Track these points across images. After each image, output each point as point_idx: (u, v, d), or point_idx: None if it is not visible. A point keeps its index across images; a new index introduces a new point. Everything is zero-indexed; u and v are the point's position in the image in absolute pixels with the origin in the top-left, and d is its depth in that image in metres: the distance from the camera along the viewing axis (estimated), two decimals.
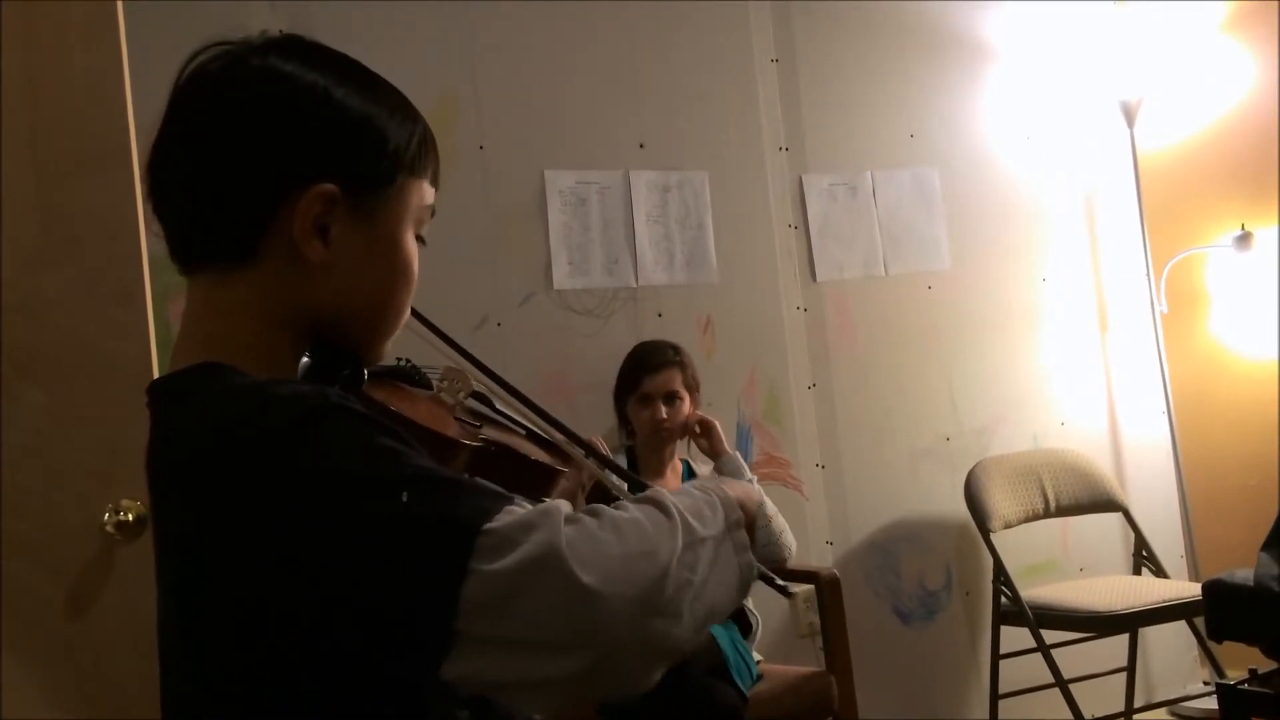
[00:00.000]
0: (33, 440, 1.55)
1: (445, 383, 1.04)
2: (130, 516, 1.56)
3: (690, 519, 0.83)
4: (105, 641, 1.56)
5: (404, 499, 0.75)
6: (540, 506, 0.78)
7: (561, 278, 3.09)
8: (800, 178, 3.44)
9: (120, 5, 1.66)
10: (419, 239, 0.97)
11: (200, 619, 0.83)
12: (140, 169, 1.65)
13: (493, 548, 0.74)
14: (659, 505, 0.83)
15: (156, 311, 1.65)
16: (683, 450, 2.95)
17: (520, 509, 0.77)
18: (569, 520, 0.77)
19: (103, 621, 1.56)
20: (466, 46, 3.04)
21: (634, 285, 3.17)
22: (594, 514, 0.79)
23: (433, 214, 0.98)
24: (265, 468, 0.78)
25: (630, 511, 0.81)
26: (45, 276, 1.57)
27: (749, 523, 0.90)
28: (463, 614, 0.73)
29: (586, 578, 0.73)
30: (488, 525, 0.74)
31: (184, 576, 0.84)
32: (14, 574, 1.52)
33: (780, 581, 1.01)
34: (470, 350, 1.05)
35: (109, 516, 1.56)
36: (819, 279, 3.43)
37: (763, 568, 0.92)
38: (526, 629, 0.73)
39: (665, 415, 2.77)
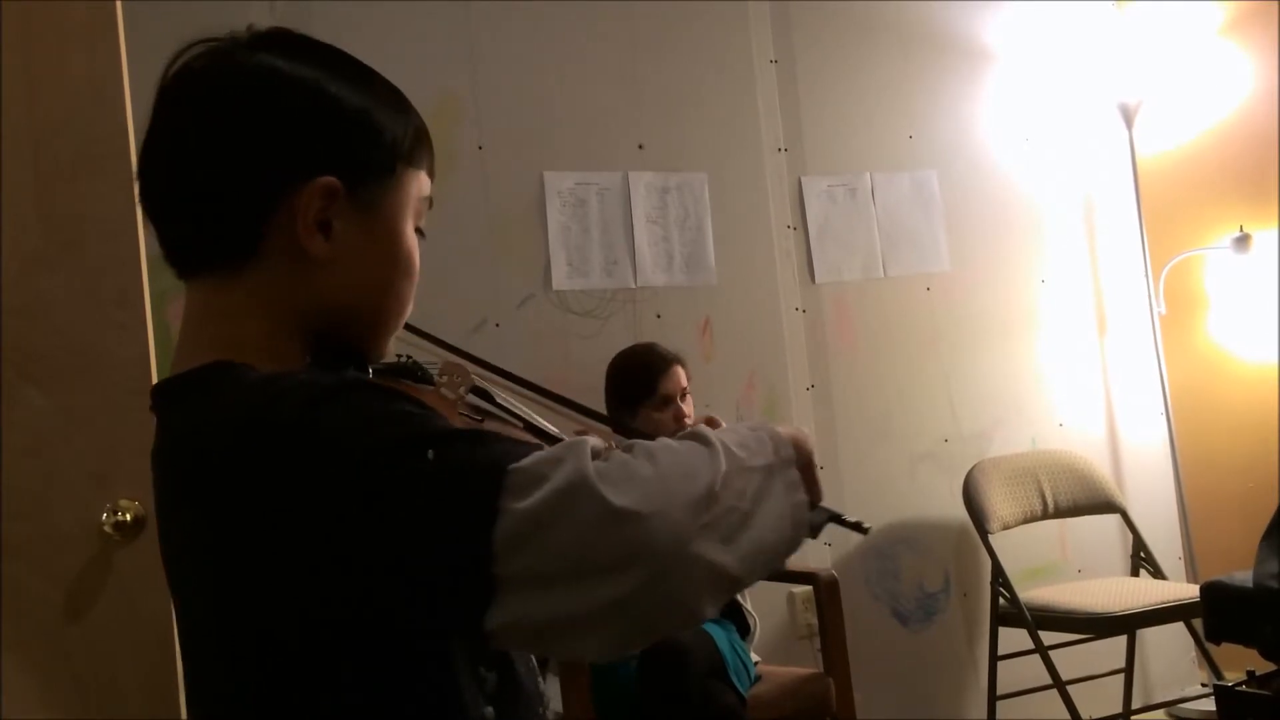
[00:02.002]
0: (32, 441, 1.55)
1: (445, 378, 1.04)
2: (128, 517, 1.56)
3: (734, 448, 0.81)
4: (104, 642, 1.56)
5: (429, 455, 0.74)
6: (568, 441, 0.77)
7: (560, 279, 3.09)
8: (799, 179, 3.44)
9: (119, 6, 1.65)
10: (419, 231, 0.96)
11: (235, 614, 0.82)
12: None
13: (521, 485, 0.72)
14: (697, 436, 0.82)
15: (155, 313, 1.65)
16: None
17: (548, 449, 0.76)
18: (599, 454, 0.76)
19: (102, 622, 1.56)
20: (466, 47, 3.04)
21: (633, 286, 3.17)
22: (627, 449, 0.78)
23: (430, 205, 0.97)
24: (289, 453, 0.77)
25: (667, 443, 0.80)
26: (45, 278, 1.57)
27: (805, 464, 0.86)
28: (498, 556, 0.71)
29: (619, 501, 0.72)
30: (514, 465, 0.73)
31: (210, 574, 0.83)
32: (13, 575, 1.52)
33: (851, 519, 0.94)
34: (469, 351, 1.05)
35: (107, 517, 1.55)
36: (818, 280, 3.43)
37: (830, 509, 0.87)
38: (563, 560, 0.72)
39: (688, 412, 2.72)
